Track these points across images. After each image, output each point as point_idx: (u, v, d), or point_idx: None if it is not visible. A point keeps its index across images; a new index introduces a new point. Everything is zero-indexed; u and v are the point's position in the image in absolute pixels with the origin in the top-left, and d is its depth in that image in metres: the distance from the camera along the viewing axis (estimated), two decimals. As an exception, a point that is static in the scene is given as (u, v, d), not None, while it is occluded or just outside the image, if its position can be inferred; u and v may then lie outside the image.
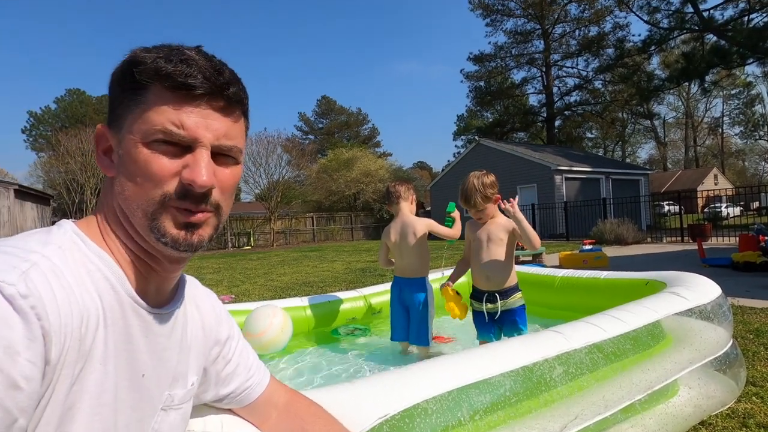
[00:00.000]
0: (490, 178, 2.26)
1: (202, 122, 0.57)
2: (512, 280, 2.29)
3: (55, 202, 19.65)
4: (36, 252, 0.51)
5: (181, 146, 0.57)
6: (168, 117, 0.56)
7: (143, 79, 0.56)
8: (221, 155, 0.60)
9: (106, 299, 0.56)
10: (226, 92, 0.58)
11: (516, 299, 2.27)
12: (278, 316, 2.48)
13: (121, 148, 0.58)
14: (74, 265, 0.54)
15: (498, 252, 2.27)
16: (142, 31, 72.64)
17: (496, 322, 2.29)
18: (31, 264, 0.49)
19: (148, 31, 72.40)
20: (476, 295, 2.36)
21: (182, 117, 0.56)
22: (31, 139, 40.07)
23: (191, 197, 0.57)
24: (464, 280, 2.82)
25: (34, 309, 0.46)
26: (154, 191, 0.56)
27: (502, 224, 2.27)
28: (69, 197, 18.59)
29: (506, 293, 2.26)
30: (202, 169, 0.56)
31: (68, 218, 0.63)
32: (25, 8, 63.45)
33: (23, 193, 15.04)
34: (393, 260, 2.83)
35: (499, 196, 2.26)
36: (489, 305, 2.27)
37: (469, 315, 2.47)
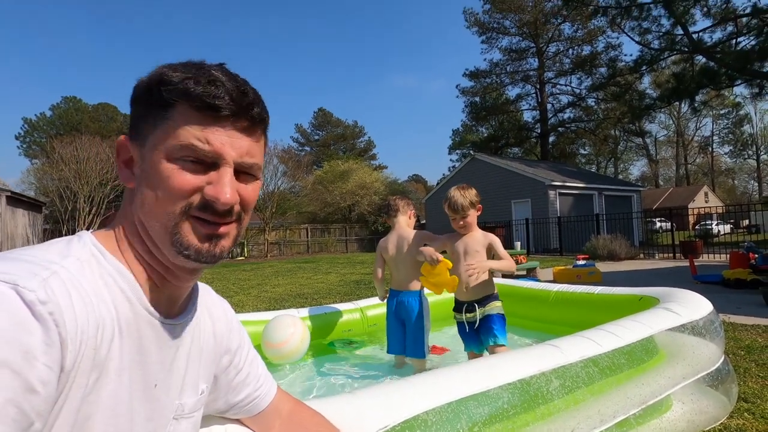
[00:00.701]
0: (472, 189, 2.39)
1: (228, 141, 0.59)
2: (490, 290, 2.36)
3: (48, 209, 19.42)
4: (56, 263, 0.53)
5: (205, 163, 0.59)
6: (195, 134, 0.57)
7: (171, 98, 0.57)
8: (242, 173, 0.62)
9: (121, 311, 0.57)
10: (250, 113, 0.60)
11: (493, 306, 2.32)
12: (298, 326, 2.47)
13: (145, 162, 0.60)
14: (92, 277, 0.55)
15: None
16: (139, 42, 73.24)
17: (477, 331, 2.34)
18: (51, 272, 0.50)
19: (146, 43, 72.96)
20: (457, 306, 2.43)
21: (208, 135, 0.58)
22: (24, 146, 39.69)
23: (214, 211, 0.59)
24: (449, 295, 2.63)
25: (53, 315, 0.47)
26: (174, 205, 0.57)
27: (479, 238, 2.36)
28: (62, 205, 18.33)
29: (483, 301, 2.33)
30: (226, 187, 0.58)
31: (60, 225, 0.64)
32: (23, 16, 63.71)
33: (15, 200, 14.88)
34: (386, 289, 2.88)
35: (481, 206, 2.38)
36: (468, 315, 2.34)
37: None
